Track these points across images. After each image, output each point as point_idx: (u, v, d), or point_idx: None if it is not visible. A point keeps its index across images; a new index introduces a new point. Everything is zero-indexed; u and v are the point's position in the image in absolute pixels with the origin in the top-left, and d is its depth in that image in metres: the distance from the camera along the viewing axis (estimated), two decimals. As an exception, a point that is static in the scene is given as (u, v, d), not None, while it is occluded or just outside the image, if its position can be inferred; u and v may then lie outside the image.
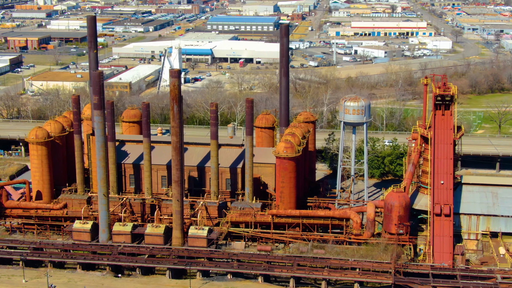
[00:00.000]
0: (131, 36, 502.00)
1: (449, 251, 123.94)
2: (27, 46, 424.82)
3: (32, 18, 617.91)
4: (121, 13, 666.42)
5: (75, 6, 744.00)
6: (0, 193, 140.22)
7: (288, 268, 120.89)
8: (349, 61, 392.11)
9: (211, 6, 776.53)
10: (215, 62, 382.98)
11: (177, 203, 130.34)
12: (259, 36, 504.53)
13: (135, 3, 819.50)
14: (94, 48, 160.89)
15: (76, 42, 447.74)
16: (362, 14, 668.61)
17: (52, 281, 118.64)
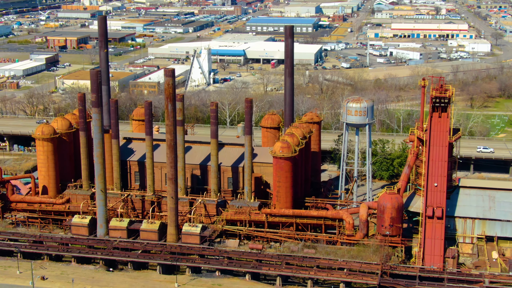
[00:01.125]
0: (170, 37, 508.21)
1: (440, 254, 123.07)
2: (66, 46, 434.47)
3: (76, 18, 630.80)
4: (164, 14, 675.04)
5: (120, 7, 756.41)
6: (6, 187, 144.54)
7: (276, 267, 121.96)
8: (383, 62, 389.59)
9: (254, 8, 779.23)
10: (247, 63, 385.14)
11: (171, 200, 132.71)
12: (297, 37, 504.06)
13: (180, 4, 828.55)
14: (105, 47, 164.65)
15: (114, 43, 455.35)
16: (405, 16, 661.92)
17: (46, 273, 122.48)
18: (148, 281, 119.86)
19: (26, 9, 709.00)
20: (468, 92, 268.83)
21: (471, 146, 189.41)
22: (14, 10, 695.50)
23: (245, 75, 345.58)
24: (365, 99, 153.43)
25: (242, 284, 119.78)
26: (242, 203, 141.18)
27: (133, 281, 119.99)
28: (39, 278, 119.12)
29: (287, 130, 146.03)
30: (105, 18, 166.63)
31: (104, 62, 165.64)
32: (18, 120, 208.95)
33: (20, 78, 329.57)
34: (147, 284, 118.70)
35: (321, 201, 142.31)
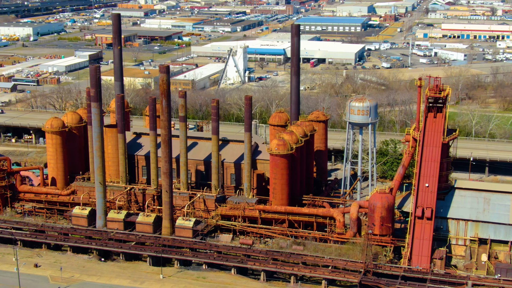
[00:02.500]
0: (217, 36, 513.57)
1: (427, 254, 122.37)
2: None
3: (130, 17, 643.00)
4: (216, 13, 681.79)
5: (174, 6, 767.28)
6: (15, 178, 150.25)
7: (261, 262, 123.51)
8: (425, 63, 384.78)
9: (307, 7, 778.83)
10: (287, 62, 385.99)
11: (166, 194, 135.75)
12: (344, 36, 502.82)
13: (234, 4, 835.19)
14: (118, 44, 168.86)
15: (161, 41, 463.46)
16: (460, 16, 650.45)
17: (41, 261, 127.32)
18: (136, 272, 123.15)
19: (82, 6, 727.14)
20: (501, 94, 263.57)
21: (489, 149, 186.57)
22: (70, 8, 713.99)
23: (281, 74, 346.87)
24: (368, 98, 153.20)
25: (226, 277, 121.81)
26: (240, 199, 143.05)
27: (122, 271, 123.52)
28: (33, 265, 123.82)
29: (288, 128, 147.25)
30: (119, 16, 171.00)
31: (118, 59, 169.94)
32: (46, 114, 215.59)
33: (62, 74, 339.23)
34: (134, 274, 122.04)
35: (319, 199, 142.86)
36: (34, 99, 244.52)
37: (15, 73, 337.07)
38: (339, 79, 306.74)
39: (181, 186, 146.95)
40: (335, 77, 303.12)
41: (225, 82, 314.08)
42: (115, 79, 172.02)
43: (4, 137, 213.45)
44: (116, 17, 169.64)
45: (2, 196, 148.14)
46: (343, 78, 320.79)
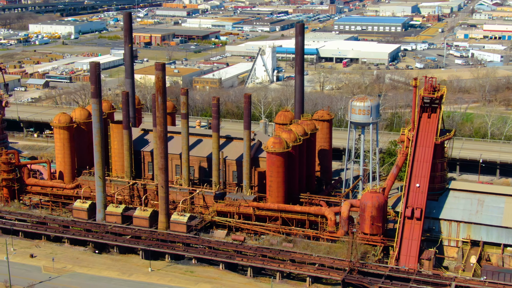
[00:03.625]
0: (256, 35, 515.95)
1: (415, 254, 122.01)
2: (151, 42, 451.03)
3: (173, 16, 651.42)
4: (258, 13, 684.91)
5: (218, 5, 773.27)
6: (23, 171, 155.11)
7: (249, 258, 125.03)
8: (460, 64, 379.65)
9: (351, 7, 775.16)
10: (319, 62, 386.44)
11: (161, 189, 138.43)
12: (383, 36, 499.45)
13: (278, 3, 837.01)
14: (129, 42, 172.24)
15: (198, 40, 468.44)
16: (506, 17, 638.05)
17: (38, 252, 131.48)
18: (127, 264, 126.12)
19: (127, 6, 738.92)
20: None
21: (502, 151, 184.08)
22: (116, 7, 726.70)
23: (312, 73, 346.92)
24: (370, 98, 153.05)
25: (214, 272, 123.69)
26: (238, 196, 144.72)
27: (113, 263, 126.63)
28: (29, 255, 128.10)
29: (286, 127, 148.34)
30: (129, 15, 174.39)
31: (128, 57, 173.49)
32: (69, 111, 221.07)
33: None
34: (124, 267, 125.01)
35: (316, 197, 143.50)
36: (59, 95, 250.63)
37: (50, 70, 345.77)
38: (368, 79, 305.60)
39: (183, 182, 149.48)
40: (362, 77, 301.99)
41: (253, 81, 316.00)
42: (126, 77, 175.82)
43: (27, 132, 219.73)
44: (127, 16, 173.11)
45: (10, 189, 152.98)
46: (373, 78, 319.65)
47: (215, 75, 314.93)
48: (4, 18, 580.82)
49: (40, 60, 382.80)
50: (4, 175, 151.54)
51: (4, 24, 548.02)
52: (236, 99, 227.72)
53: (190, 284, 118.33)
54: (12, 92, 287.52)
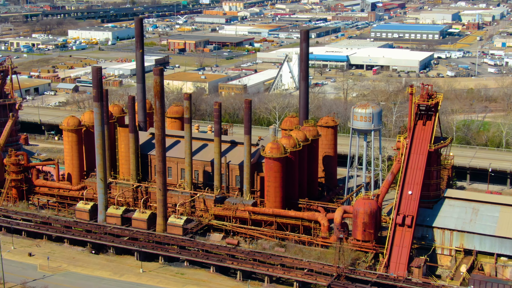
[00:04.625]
0: (290, 42, 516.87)
1: (405, 262, 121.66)
2: (185, 49, 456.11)
3: (211, 23, 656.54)
4: (297, 20, 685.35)
5: (258, 13, 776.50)
6: (31, 172, 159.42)
7: (239, 262, 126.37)
8: (493, 72, 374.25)
9: (391, 14, 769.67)
10: (350, 69, 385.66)
11: (159, 192, 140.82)
12: (418, 44, 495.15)
13: (318, 11, 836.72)
14: (140, 48, 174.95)
15: (231, 47, 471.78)
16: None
17: (38, 251, 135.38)
18: (120, 265, 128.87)
19: (168, 13, 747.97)
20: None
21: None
22: (156, 14, 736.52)
23: (340, 80, 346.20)
24: (372, 104, 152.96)
25: (204, 275, 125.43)
26: (238, 200, 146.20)
27: (107, 263, 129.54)
28: (27, 254, 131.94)
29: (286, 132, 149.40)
30: (141, 20, 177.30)
31: (139, 62, 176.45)
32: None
33: (126, 77, 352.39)
34: (117, 267, 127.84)
35: (314, 203, 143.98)
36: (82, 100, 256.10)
37: (82, 75, 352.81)
38: (393, 87, 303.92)
39: (186, 186, 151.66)
40: (387, 84, 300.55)
41: (278, 87, 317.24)
42: (137, 81, 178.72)
43: (48, 135, 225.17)
44: (138, 21, 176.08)
45: (19, 189, 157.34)
46: (401, 85, 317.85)
47: (241, 81, 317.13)
48: (45, 23, 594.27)
49: (74, 65, 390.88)
50: (13, 175, 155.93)
51: (44, 30, 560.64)
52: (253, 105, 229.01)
53: (178, 285, 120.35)
54: (41, 96, 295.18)
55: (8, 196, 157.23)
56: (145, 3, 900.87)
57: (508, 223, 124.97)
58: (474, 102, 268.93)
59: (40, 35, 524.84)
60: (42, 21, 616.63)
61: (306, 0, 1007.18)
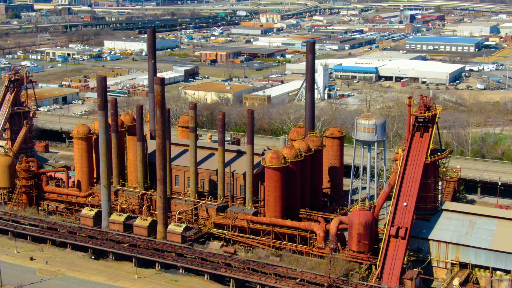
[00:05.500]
0: (323, 54, 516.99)
1: (398, 274, 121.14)
2: (216, 60, 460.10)
3: (247, 35, 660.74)
4: (333, 32, 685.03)
5: (295, 24, 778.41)
6: (42, 178, 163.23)
7: (232, 270, 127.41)
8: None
9: (429, 26, 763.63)
10: (379, 80, 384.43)
11: (159, 200, 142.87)
12: (452, 56, 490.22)
13: (356, 22, 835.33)
14: (153, 58, 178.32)
15: (262, 58, 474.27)
16: None
17: (40, 255, 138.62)
18: (117, 271, 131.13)
19: (205, 24, 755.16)
20: None
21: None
22: (193, 26, 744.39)
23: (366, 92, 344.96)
24: (376, 116, 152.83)
25: (197, 282, 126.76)
26: (239, 209, 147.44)
27: (105, 269, 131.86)
28: (29, 258, 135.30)
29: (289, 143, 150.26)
30: (153, 31, 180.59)
31: (152, 72, 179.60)
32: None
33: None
34: (113, 273, 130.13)
35: (314, 213, 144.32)
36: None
37: (113, 85, 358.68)
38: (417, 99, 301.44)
39: (190, 194, 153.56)
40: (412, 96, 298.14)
41: (303, 98, 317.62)
42: (149, 91, 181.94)
43: (69, 143, 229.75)
44: (150, 33, 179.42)
45: (28, 195, 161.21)
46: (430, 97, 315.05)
47: (265, 92, 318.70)
48: (82, 34, 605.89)
49: (106, 75, 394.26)
50: (23, 181, 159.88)
51: (81, 40, 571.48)
52: (268, 116, 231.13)
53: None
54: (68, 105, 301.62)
55: (19, 201, 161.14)
56: (185, 15, 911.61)
57: (505, 237, 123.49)
58: (500, 115, 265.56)
59: (76, 45, 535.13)
60: (79, 32, 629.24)
61: (345, 12, 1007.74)
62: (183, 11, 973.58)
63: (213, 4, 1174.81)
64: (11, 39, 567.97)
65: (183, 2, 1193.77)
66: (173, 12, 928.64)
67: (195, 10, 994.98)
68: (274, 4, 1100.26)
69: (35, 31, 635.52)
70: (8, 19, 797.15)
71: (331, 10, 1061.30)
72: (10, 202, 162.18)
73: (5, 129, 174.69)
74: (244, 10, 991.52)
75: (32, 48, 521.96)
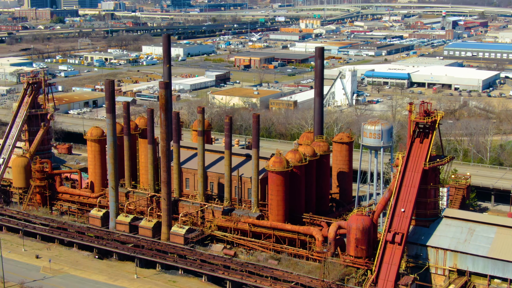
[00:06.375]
0: (358, 59, 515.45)
1: (393, 279, 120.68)
2: (250, 65, 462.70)
3: (285, 40, 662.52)
4: (372, 37, 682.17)
5: (334, 30, 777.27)
6: (55, 179, 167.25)
7: (229, 272, 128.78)
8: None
9: (471, 33, 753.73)
10: (411, 87, 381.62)
11: (164, 202, 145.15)
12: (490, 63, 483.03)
13: (397, 28, 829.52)
14: (168, 63, 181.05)
15: (296, 63, 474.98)
16: None
17: (46, 254, 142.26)
18: (118, 270, 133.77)
19: (244, 30, 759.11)
20: None
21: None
22: (233, 32, 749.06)
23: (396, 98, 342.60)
24: (382, 122, 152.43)
25: (195, 283, 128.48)
26: (244, 212, 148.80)
27: (107, 268, 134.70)
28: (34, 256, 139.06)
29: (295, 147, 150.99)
30: (168, 37, 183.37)
31: (167, 76, 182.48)
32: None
33: (186, 92, 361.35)
34: (114, 272, 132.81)
35: (318, 218, 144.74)
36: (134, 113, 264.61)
37: (144, 89, 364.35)
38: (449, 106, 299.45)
39: (198, 197, 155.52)
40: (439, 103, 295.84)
41: (330, 104, 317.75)
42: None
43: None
44: (165, 38, 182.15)
45: (42, 195, 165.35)
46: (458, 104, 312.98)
47: (293, 97, 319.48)
48: (121, 39, 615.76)
49: (139, 79, 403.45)
50: (37, 182, 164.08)
51: (120, 45, 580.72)
52: (285, 121, 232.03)
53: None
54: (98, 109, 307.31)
55: (33, 201, 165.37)
56: (226, 21, 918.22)
57: (503, 244, 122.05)
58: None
59: (115, 50, 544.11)
60: (118, 37, 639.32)
61: (387, 18, 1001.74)
62: (224, 17, 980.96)
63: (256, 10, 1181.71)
64: (52, 44, 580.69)
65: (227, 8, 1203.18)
66: (215, 18, 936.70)
67: (237, 16, 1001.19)
68: (316, 10, 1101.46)
69: (76, 36, 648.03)
70: (52, 24, 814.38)
71: (373, 16, 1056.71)
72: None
73: (24, 131, 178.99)
74: (286, 16, 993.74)
75: (71, 53, 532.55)
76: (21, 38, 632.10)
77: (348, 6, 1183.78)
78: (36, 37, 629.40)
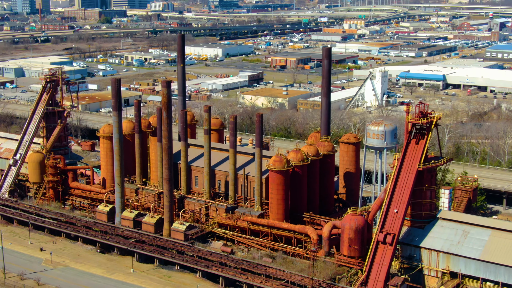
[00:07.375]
0: (398, 60, 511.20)
1: (383, 280, 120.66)
2: (285, 66, 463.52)
3: (327, 41, 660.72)
4: (415, 38, 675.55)
5: (378, 31, 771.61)
6: (68, 175, 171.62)
7: (223, 268, 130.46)
8: None
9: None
10: (447, 88, 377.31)
11: (166, 199, 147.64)
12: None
13: (443, 29, 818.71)
14: (181, 62, 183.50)
15: (333, 64, 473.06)
16: None
17: (51, 246, 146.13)
18: (117, 264, 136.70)
19: (287, 31, 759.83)
20: None
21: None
22: (275, 32, 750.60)
23: (428, 100, 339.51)
24: (386, 122, 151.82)
25: (189, 279, 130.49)
26: (247, 210, 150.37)
27: (106, 262, 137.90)
28: (39, 249, 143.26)
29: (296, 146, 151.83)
30: (183, 37, 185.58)
31: (181, 76, 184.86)
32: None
33: (218, 92, 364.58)
34: (112, 266, 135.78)
35: (318, 217, 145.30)
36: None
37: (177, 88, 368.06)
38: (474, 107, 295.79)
39: (204, 195, 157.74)
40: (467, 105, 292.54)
41: (359, 105, 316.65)
42: (178, 94, 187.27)
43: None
44: (180, 38, 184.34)
45: (55, 190, 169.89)
46: (490, 106, 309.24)
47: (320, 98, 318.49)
48: (162, 39, 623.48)
49: (174, 79, 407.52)
50: (50, 177, 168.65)
51: (161, 45, 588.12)
52: (303, 121, 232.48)
53: (158, 287, 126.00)
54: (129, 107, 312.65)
55: (46, 196, 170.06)
56: (271, 21, 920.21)
57: (496, 247, 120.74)
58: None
59: (155, 50, 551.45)
60: (160, 37, 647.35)
61: (435, 19, 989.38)
62: (270, 18, 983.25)
63: (303, 11, 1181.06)
64: (96, 44, 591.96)
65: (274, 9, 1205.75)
66: (260, 19, 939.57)
67: (282, 17, 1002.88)
68: (363, 10, 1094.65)
69: (120, 36, 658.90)
70: (98, 24, 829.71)
71: (421, 16, 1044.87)
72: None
73: (42, 128, 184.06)
74: (332, 17, 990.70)
75: (112, 52, 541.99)
76: (66, 38, 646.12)
77: (396, 6, 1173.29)
78: (81, 37, 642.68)
